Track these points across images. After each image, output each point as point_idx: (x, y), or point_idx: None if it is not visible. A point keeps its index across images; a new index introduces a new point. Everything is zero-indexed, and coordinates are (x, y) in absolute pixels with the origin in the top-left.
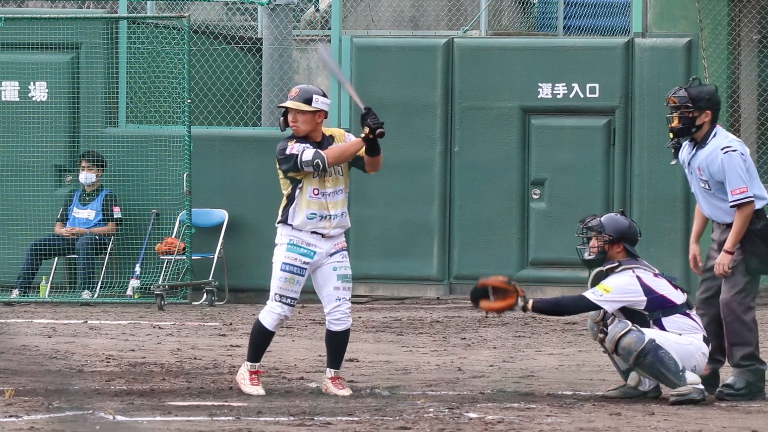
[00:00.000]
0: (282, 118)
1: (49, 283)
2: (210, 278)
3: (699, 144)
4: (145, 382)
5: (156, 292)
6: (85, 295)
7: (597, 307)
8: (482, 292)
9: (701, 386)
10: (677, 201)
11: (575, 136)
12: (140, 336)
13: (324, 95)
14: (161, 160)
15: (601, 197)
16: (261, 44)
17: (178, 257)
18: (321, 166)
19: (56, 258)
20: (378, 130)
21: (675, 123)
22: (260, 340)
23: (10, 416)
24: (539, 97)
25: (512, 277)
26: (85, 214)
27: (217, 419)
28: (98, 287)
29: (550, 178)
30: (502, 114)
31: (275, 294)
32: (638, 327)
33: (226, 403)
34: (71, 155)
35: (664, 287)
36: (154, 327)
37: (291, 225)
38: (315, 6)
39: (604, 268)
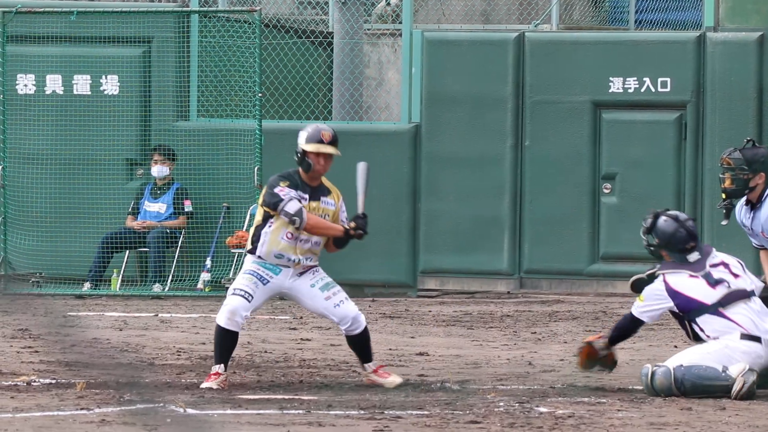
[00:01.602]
0: (306, 160)
1: (120, 276)
2: None
3: (755, 206)
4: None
5: (226, 286)
6: (156, 288)
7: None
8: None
9: (748, 367)
10: None
11: (646, 130)
12: (211, 329)
13: None
14: (232, 153)
15: (672, 192)
16: (332, 38)
17: None
18: (297, 224)
19: (127, 251)
20: (360, 234)
21: (728, 183)
22: (218, 340)
23: (82, 409)
24: (610, 91)
25: (583, 271)
26: (156, 207)
27: (287, 412)
28: (169, 280)
29: (622, 173)
30: (573, 108)
31: (231, 289)
32: (657, 363)
33: (297, 397)
34: (142, 149)
35: (693, 288)
36: None
37: (258, 256)
38: (386, 0)
39: (644, 275)
